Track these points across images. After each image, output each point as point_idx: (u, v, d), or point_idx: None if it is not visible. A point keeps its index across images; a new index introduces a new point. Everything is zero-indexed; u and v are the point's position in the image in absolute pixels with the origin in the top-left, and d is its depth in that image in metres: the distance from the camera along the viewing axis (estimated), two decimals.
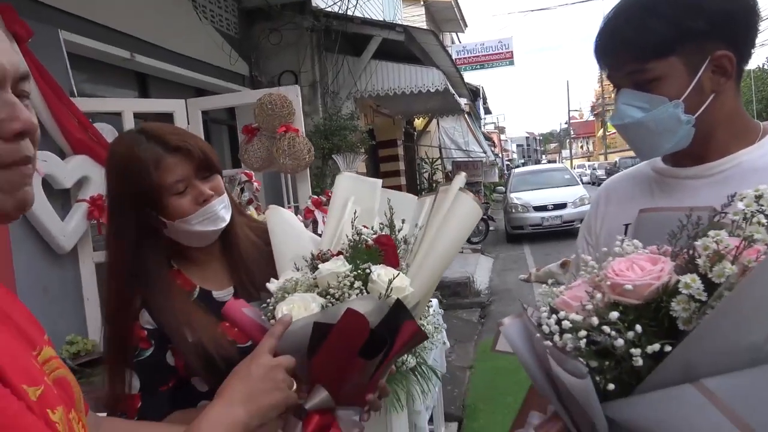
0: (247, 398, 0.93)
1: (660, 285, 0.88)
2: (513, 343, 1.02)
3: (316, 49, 7.46)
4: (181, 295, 1.33)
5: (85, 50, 4.27)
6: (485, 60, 17.66)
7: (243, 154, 4.29)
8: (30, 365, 0.72)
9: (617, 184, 1.40)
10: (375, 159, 11.81)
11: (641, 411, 0.88)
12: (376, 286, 1.05)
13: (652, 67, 1.13)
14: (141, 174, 1.26)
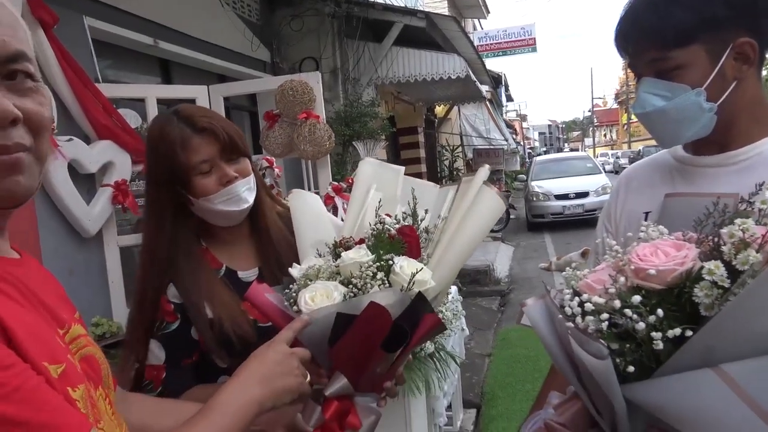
0: (263, 380, 0.96)
1: (684, 271, 0.89)
2: (535, 323, 1.03)
3: (337, 36, 7.45)
4: (207, 271, 1.37)
5: (109, 36, 4.31)
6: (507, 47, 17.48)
7: (264, 140, 4.31)
8: (53, 343, 0.74)
9: (638, 171, 1.39)
10: (395, 146, 11.79)
11: (660, 393, 0.89)
12: (398, 278, 1.06)
13: (674, 56, 1.13)
14: (169, 152, 1.32)
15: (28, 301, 0.76)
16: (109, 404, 0.85)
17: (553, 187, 13.69)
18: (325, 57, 7.33)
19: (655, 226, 1.00)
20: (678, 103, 1.14)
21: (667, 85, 1.14)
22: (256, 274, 1.42)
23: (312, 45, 7.28)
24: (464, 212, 1.16)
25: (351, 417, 1.08)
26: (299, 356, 1.03)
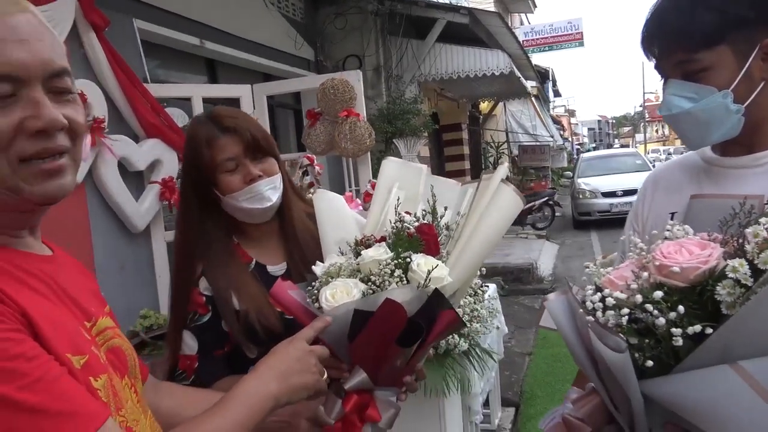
0: (280, 376, 1.00)
1: (707, 269, 0.91)
2: (556, 318, 1.06)
3: (380, 33, 7.49)
4: (236, 264, 1.44)
5: (157, 38, 4.45)
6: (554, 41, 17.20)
7: (306, 138, 4.39)
8: (78, 336, 0.80)
9: (666, 172, 1.40)
10: (439, 143, 11.78)
11: (677, 389, 0.90)
12: (415, 275, 1.09)
13: (701, 57, 1.13)
14: (197, 150, 1.40)
15: (56, 295, 0.82)
16: (134, 393, 0.91)
17: (600, 184, 13.42)
18: (369, 54, 7.38)
19: (681, 226, 1.01)
20: (704, 105, 1.14)
21: (694, 87, 1.14)
22: (284, 269, 1.48)
23: (355, 43, 7.34)
24: (482, 210, 1.17)
25: (370, 410, 1.12)
26: (317, 354, 1.06)
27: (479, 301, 2.62)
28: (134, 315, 3.61)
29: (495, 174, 1.20)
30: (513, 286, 7.77)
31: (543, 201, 12.91)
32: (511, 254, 9.12)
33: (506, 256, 8.94)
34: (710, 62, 1.12)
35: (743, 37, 1.11)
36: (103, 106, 3.49)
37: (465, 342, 2.45)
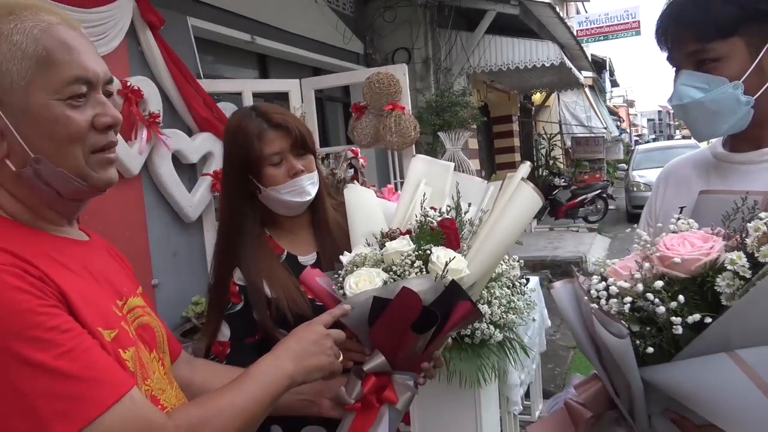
0: (296, 356, 1.06)
1: (708, 261, 0.94)
2: (561, 305, 1.11)
3: (429, 26, 7.51)
4: (269, 254, 1.52)
5: (210, 34, 4.61)
6: (609, 31, 16.74)
7: (352, 131, 4.47)
8: (109, 312, 0.90)
9: (676, 168, 1.42)
10: (488, 135, 11.71)
11: (676, 376, 0.94)
12: (434, 266, 1.15)
13: (714, 47, 1.15)
14: (246, 143, 1.47)
15: (90, 275, 0.92)
16: (161, 366, 1.01)
17: (655, 176, 13.04)
18: (418, 47, 7.41)
19: (685, 219, 1.04)
20: (715, 95, 1.15)
21: (705, 77, 1.16)
22: (314, 259, 1.55)
23: (404, 35, 7.38)
24: (502, 207, 1.22)
25: (388, 392, 1.19)
26: (334, 337, 1.12)
27: (517, 293, 2.64)
28: (186, 301, 3.78)
29: (517, 172, 1.25)
30: (560, 279, 7.68)
31: (596, 194, 12.67)
32: (561, 247, 9.02)
33: (555, 249, 8.85)
34: (723, 53, 1.14)
35: (757, 30, 1.13)
36: (158, 101, 3.66)
37: (501, 333, 2.48)
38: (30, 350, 0.75)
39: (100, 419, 0.77)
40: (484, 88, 10.04)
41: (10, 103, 0.85)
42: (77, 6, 3.12)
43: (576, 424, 1.10)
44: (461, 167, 6.39)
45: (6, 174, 0.89)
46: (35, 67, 0.86)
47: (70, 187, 0.91)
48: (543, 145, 15.35)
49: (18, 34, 0.85)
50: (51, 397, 0.75)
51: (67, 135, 0.88)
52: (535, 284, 3.62)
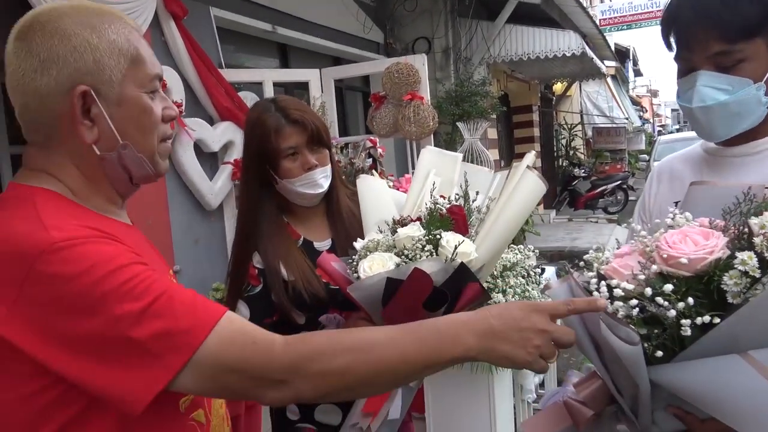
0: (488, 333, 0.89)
1: (713, 260, 0.93)
2: None
3: (450, 15, 7.49)
4: (286, 239, 1.59)
5: (232, 24, 4.67)
6: (632, 20, 16.53)
7: (371, 121, 4.51)
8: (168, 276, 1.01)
9: (670, 164, 1.42)
10: (508, 125, 11.66)
11: (687, 376, 0.94)
12: (444, 250, 1.21)
13: (739, 48, 1.14)
14: (264, 136, 1.54)
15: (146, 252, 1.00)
16: None
17: None
18: (438, 37, 7.41)
19: (682, 213, 1.03)
20: (740, 96, 1.15)
21: (729, 78, 1.16)
22: (329, 245, 1.62)
23: (425, 25, 7.37)
24: (509, 194, 1.27)
25: None
26: (552, 337, 0.90)
27: (531, 282, 2.67)
28: (207, 287, 3.86)
29: (523, 160, 1.30)
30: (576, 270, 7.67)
31: (616, 185, 12.60)
32: (579, 238, 9.00)
33: (574, 240, 8.84)
34: (747, 54, 1.14)
35: None
36: (181, 90, 3.73)
37: None
38: (131, 303, 0.84)
39: (204, 344, 0.85)
40: (504, 77, 10.00)
41: (107, 93, 0.94)
42: None
43: (577, 423, 1.10)
44: (480, 158, 6.40)
45: (88, 158, 0.97)
46: (129, 64, 0.96)
47: (143, 173, 1.00)
48: (563, 135, 15.25)
49: (114, 34, 0.95)
50: (157, 336, 0.84)
51: (151, 124, 0.99)
52: (551, 274, 3.63)
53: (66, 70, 0.92)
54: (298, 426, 1.60)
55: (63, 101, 0.93)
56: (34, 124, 0.96)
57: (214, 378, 0.87)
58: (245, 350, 0.88)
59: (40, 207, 0.91)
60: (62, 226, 0.87)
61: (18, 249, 0.85)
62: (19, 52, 0.93)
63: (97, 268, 0.84)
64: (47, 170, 0.97)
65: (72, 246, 0.85)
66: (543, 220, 10.61)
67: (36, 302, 0.83)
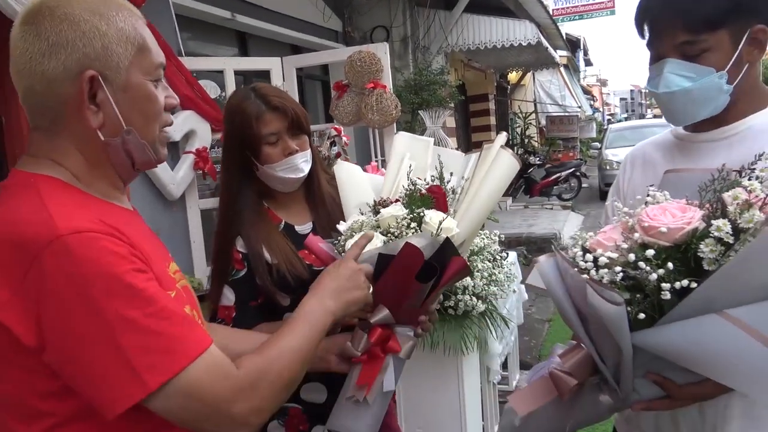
0: (334, 293, 1.15)
1: (690, 230, 1.02)
2: (546, 278, 1.18)
3: (407, 4, 7.53)
4: (267, 223, 1.62)
5: (190, 11, 4.60)
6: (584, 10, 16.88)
7: (334, 109, 4.51)
8: (166, 275, 1.00)
9: (642, 150, 1.49)
10: (465, 114, 11.80)
11: (669, 337, 1.02)
12: (428, 227, 1.27)
13: (703, 39, 1.21)
14: (245, 123, 1.56)
15: (149, 242, 1.01)
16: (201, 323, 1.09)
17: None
18: (396, 25, 7.44)
19: (662, 192, 1.12)
20: (703, 83, 1.23)
21: (693, 66, 1.23)
22: (310, 228, 1.66)
23: (383, 14, 7.39)
24: (485, 172, 1.35)
25: (392, 343, 1.30)
26: (364, 271, 1.21)
27: (497, 266, 2.75)
28: None
29: (495, 141, 1.38)
30: (536, 255, 7.84)
31: (569, 172, 12.90)
32: (535, 225, 9.20)
33: (530, 226, 9.03)
34: (711, 44, 1.21)
35: (739, 23, 1.21)
36: None
37: (483, 304, 2.59)
38: (127, 309, 0.85)
39: (186, 370, 0.87)
40: (461, 66, 10.11)
41: (113, 79, 0.96)
42: None
43: (561, 392, 1.17)
44: (441, 145, 6.47)
45: (92, 142, 0.97)
46: (136, 51, 0.97)
47: (145, 158, 1.01)
48: (518, 123, 15.51)
49: (121, 22, 0.96)
50: (143, 350, 0.85)
51: (154, 111, 1.01)
52: (513, 258, 3.73)
53: (74, 55, 0.93)
54: (284, 406, 1.62)
55: (70, 86, 0.94)
56: (39, 107, 0.97)
57: (182, 405, 0.88)
58: (218, 384, 0.91)
59: (46, 195, 0.91)
60: (69, 216, 0.88)
61: (24, 237, 0.86)
62: (27, 36, 0.93)
63: (100, 268, 0.85)
64: (50, 156, 0.97)
65: (78, 240, 0.85)
66: (500, 207, 10.79)
67: (38, 292, 0.84)
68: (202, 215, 4.14)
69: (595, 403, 1.18)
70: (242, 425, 0.93)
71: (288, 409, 1.63)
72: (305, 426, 1.63)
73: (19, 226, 0.87)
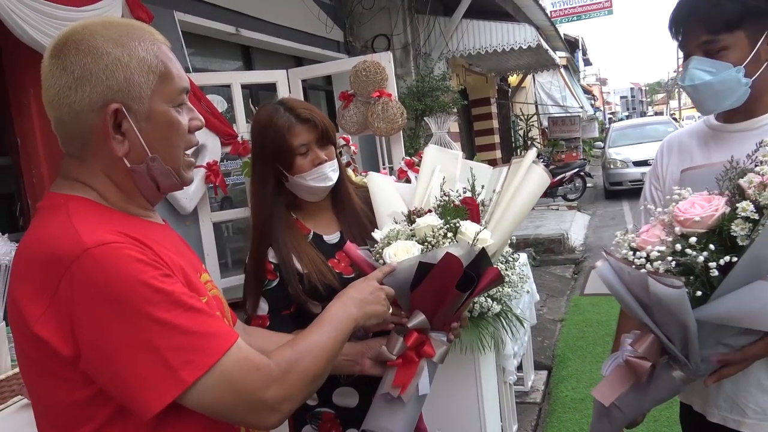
0: (358, 303, 1.23)
1: (719, 215, 1.20)
2: (606, 280, 1.31)
3: (407, 12, 7.58)
4: (297, 234, 1.68)
5: (196, 28, 4.67)
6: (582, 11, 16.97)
7: (340, 119, 4.57)
8: (198, 282, 1.06)
9: (678, 137, 1.66)
10: (468, 118, 11.85)
11: (726, 307, 1.18)
12: (464, 236, 1.34)
13: (721, 38, 1.39)
14: (276, 136, 1.62)
15: (178, 252, 1.06)
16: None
17: (631, 153, 13.33)
18: (397, 33, 7.50)
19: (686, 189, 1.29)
20: (722, 77, 1.40)
21: (713, 62, 1.41)
22: (338, 238, 1.71)
23: (383, 22, 7.45)
24: (516, 186, 1.43)
25: (426, 347, 1.36)
26: (386, 291, 1.31)
27: (510, 268, 2.80)
28: None
29: (526, 156, 1.48)
30: (544, 256, 7.91)
31: (574, 172, 12.93)
32: (542, 226, 9.23)
33: (537, 227, 9.06)
34: (728, 43, 1.39)
35: (756, 25, 1.39)
36: None
37: (498, 305, 2.64)
38: (157, 312, 0.89)
39: (218, 364, 0.92)
40: (462, 71, 10.17)
41: (137, 109, 0.99)
42: (68, 5, 3.18)
43: (639, 375, 1.29)
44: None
45: (119, 169, 1.02)
46: (157, 80, 1.01)
47: (170, 183, 1.06)
48: (520, 126, 15.56)
49: (143, 51, 1.00)
50: (178, 349, 0.90)
51: (178, 138, 1.04)
52: (524, 259, 3.78)
53: (99, 87, 0.97)
54: (316, 411, 1.67)
55: (95, 117, 0.98)
56: (68, 136, 1.02)
57: (217, 396, 0.93)
58: (250, 374, 0.96)
59: (73, 212, 0.96)
60: (93, 230, 0.92)
61: (53, 253, 0.91)
62: (54, 70, 0.98)
63: (128, 275, 0.89)
64: (81, 179, 1.02)
65: (104, 251, 0.90)
66: None
67: (69, 304, 0.89)
68: (215, 228, 4.20)
69: (669, 380, 1.31)
70: (274, 411, 0.99)
71: (321, 413, 1.68)
72: (338, 430, 1.68)
73: (48, 243, 0.92)
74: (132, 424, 0.94)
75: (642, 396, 1.33)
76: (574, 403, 3.92)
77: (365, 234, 1.56)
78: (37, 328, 0.90)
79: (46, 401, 0.98)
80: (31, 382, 1.00)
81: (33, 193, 3.44)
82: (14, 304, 0.95)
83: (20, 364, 1.02)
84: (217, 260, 4.18)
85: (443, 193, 1.45)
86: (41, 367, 0.95)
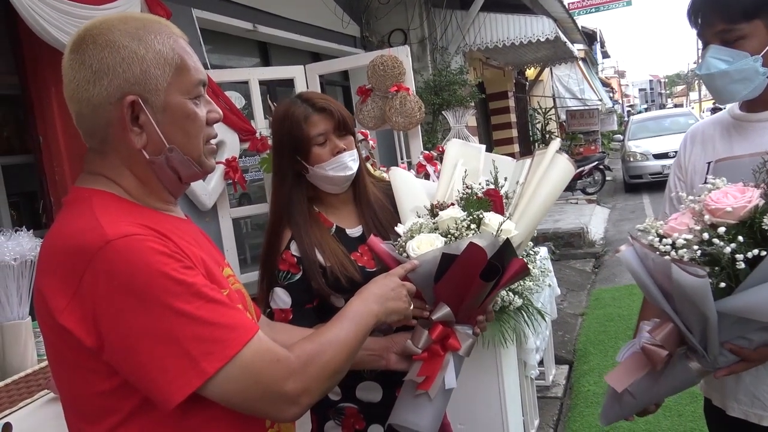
0: (379, 299, 1.23)
1: (752, 207, 1.18)
2: (630, 265, 1.30)
3: (424, 6, 7.56)
4: (319, 227, 1.68)
5: (213, 25, 4.69)
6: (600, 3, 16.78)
7: (358, 114, 4.56)
8: (220, 276, 1.06)
9: (702, 128, 1.64)
10: (485, 112, 11.78)
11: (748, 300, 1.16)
12: (488, 228, 1.33)
13: (739, 28, 1.37)
14: (294, 126, 1.62)
15: (200, 246, 1.07)
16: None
17: (651, 146, 13.16)
18: (413, 28, 7.47)
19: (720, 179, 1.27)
20: (739, 66, 1.39)
21: (731, 51, 1.39)
22: (360, 231, 1.71)
23: (400, 17, 7.43)
24: (540, 176, 1.43)
25: (452, 340, 1.35)
26: (407, 288, 1.30)
27: (531, 262, 2.79)
28: None
29: (550, 147, 1.46)
30: (564, 250, 7.86)
31: (593, 166, 12.81)
32: (562, 220, 9.16)
33: (556, 222, 8.99)
34: (746, 32, 1.38)
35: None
36: None
37: (519, 299, 2.62)
38: (179, 303, 0.90)
39: (238, 355, 0.93)
40: (480, 65, 10.11)
41: (153, 102, 1.00)
42: (88, 3, 3.20)
43: (655, 363, 1.28)
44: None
45: (139, 161, 1.03)
46: (174, 72, 1.01)
47: (190, 173, 1.06)
48: (538, 119, 15.43)
49: (159, 44, 1.00)
50: (199, 340, 0.90)
51: (195, 129, 1.05)
52: (544, 253, 3.75)
53: (116, 80, 0.98)
54: (340, 406, 1.67)
55: (113, 110, 0.99)
56: (89, 130, 1.03)
57: (238, 387, 0.94)
58: (271, 366, 0.96)
59: (96, 206, 0.97)
60: (116, 222, 0.93)
61: (77, 245, 0.92)
62: (73, 64, 0.99)
63: (149, 267, 0.90)
64: (103, 173, 1.03)
65: (126, 243, 0.91)
66: None
67: (93, 295, 0.89)
68: (235, 224, 4.21)
69: (685, 370, 1.30)
70: (293, 403, 0.98)
71: (344, 408, 1.67)
72: (361, 425, 1.67)
73: (72, 235, 0.94)
74: (157, 416, 0.95)
75: (656, 385, 1.32)
76: (596, 397, 3.89)
77: (387, 227, 1.56)
78: (62, 319, 0.91)
79: (72, 392, 0.99)
80: (59, 373, 1.01)
81: (55, 190, 3.48)
82: (40, 296, 0.96)
83: (48, 354, 1.03)
84: (237, 256, 4.20)
85: (466, 186, 1.44)
86: (67, 358, 0.96)
